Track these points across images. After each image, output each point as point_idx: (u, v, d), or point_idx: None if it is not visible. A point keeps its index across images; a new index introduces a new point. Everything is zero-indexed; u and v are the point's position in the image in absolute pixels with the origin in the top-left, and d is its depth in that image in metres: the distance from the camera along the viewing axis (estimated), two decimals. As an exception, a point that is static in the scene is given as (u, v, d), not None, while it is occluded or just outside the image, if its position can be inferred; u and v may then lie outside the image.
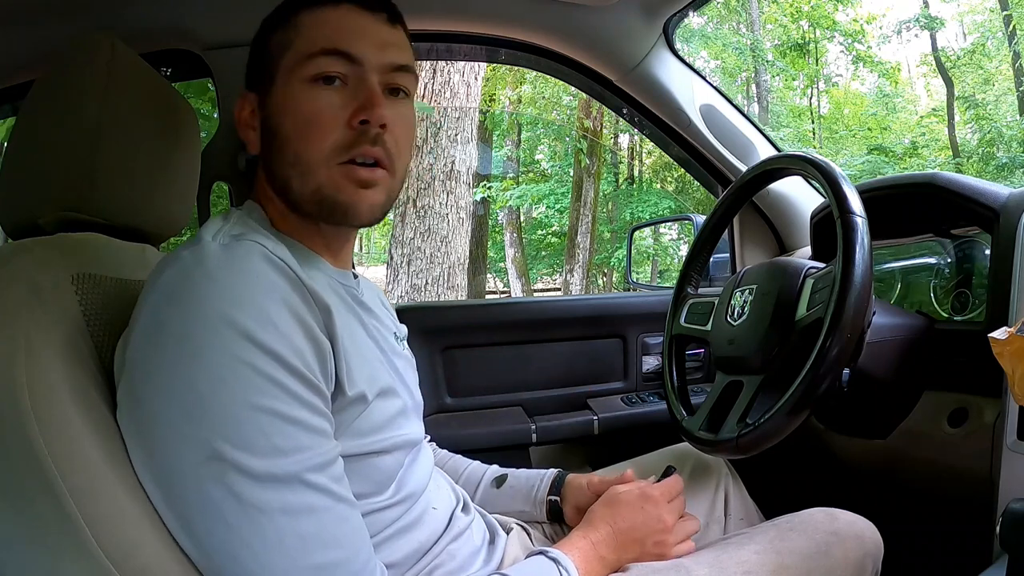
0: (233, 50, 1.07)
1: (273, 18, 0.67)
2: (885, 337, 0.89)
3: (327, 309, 0.57)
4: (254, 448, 0.49)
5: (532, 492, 0.90)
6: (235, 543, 0.49)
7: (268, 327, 0.51)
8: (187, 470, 0.49)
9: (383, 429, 0.63)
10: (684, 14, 1.23)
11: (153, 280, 0.54)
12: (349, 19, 0.64)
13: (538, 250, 10.40)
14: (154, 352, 0.50)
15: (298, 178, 0.62)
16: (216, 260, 0.53)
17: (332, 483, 0.53)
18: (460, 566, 0.71)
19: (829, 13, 10.87)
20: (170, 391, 0.49)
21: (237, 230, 0.59)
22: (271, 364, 0.50)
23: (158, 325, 0.51)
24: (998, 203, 0.88)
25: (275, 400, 0.50)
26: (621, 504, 0.78)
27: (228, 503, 0.48)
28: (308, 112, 0.62)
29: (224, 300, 0.50)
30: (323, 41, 0.62)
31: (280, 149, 0.63)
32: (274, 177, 0.65)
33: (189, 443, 0.48)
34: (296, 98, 0.62)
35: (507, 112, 9.60)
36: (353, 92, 0.62)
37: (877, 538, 0.80)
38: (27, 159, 0.64)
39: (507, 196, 8.72)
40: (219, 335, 0.49)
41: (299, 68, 0.62)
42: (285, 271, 0.55)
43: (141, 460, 0.50)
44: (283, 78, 0.63)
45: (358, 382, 0.59)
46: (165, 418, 0.49)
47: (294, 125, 0.62)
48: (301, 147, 0.62)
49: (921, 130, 11.17)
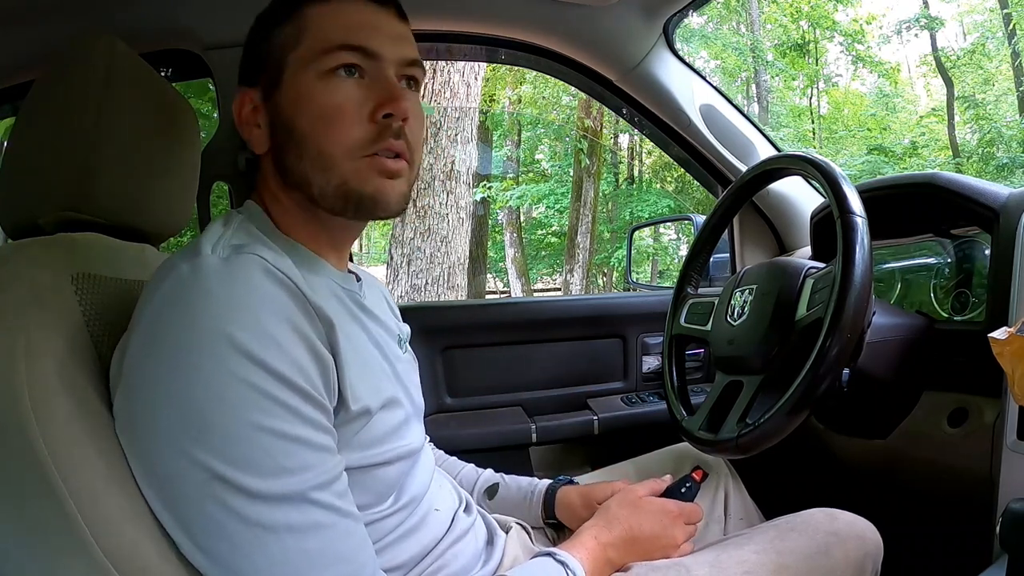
0: (233, 50, 1.06)
1: (274, 13, 0.65)
2: (885, 337, 0.89)
3: (330, 323, 0.56)
4: (257, 468, 0.48)
5: (525, 503, 0.90)
6: (240, 561, 0.48)
7: (268, 344, 0.49)
8: (189, 490, 0.48)
9: (385, 441, 0.62)
10: (684, 14, 1.23)
11: (151, 291, 0.53)
12: (362, 13, 0.63)
13: (538, 250, 10.40)
14: (151, 367, 0.49)
15: (321, 173, 0.61)
16: (214, 275, 0.51)
17: (336, 499, 0.52)
18: (463, 567, 0.71)
19: (829, 13, 10.87)
20: (168, 409, 0.48)
21: (238, 239, 0.58)
22: (272, 383, 0.49)
23: (154, 339, 0.50)
24: (998, 203, 0.88)
25: (277, 419, 0.49)
26: (643, 511, 0.78)
27: (232, 523, 0.48)
28: (328, 106, 0.60)
29: (222, 317, 0.49)
30: (339, 35, 0.61)
31: (298, 145, 0.62)
32: (288, 173, 0.63)
33: (190, 463, 0.47)
34: (312, 93, 0.61)
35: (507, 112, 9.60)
36: (371, 86, 0.62)
37: (877, 538, 0.80)
38: (27, 159, 0.64)
39: (507, 196, 8.72)
40: (217, 353, 0.48)
41: (314, 62, 0.61)
42: (287, 284, 0.54)
43: (141, 475, 0.50)
44: (294, 73, 0.62)
45: (362, 396, 0.58)
46: (164, 436, 0.48)
47: (312, 120, 0.61)
48: (323, 142, 0.60)
49: (921, 130, 11.16)
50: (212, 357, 0.48)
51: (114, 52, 0.64)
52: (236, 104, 0.65)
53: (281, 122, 0.63)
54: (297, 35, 0.62)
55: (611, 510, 0.78)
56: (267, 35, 0.65)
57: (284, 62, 0.62)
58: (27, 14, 0.97)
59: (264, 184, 0.67)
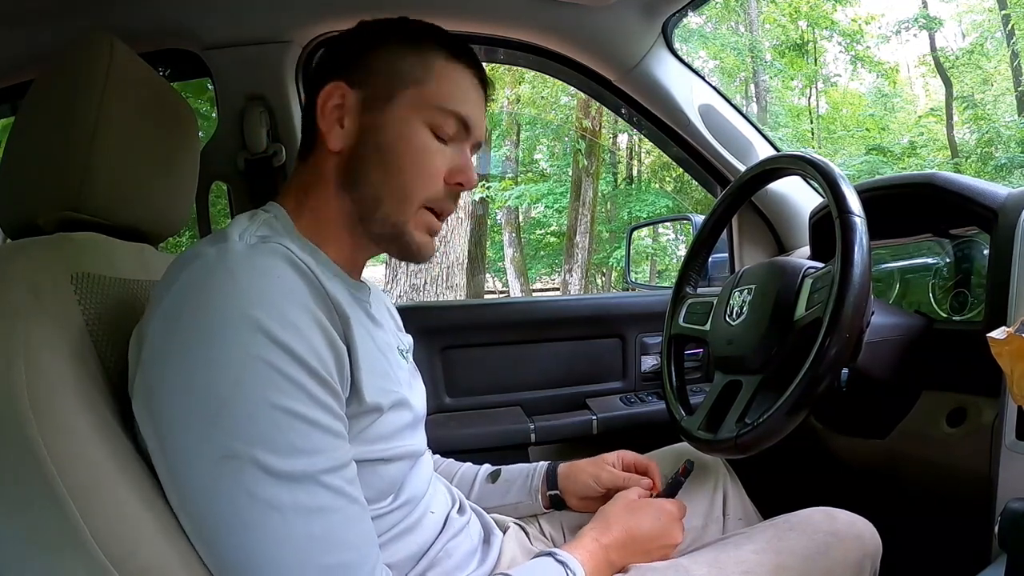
0: (232, 50, 1.07)
1: (399, 31, 0.67)
2: (884, 337, 0.89)
3: (346, 318, 0.58)
4: (271, 446, 0.49)
5: (527, 482, 0.91)
6: (246, 539, 0.49)
7: (288, 327, 0.51)
8: (202, 465, 0.49)
9: (391, 439, 0.63)
10: (683, 14, 1.23)
11: (175, 273, 0.54)
12: (475, 89, 0.68)
13: (537, 250, 10.41)
14: (172, 345, 0.50)
15: (394, 203, 0.64)
16: (239, 259, 0.53)
17: (346, 485, 0.53)
18: (457, 565, 0.71)
19: (828, 13, 10.87)
20: (187, 386, 0.49)
21: (264, 231, 0.60)
22: (290, 364, 0.50)
23: (177, 319, 0.51)
24: (996, 203, 0.88)
25: (293, 400, 0.50)
26: (641, 513, 0.79)
27: (242, 499, 0.48)
28: (423, 154, 0.64)
29: (245, 299, 0.50)
30: (457, 104, 0.65)
31: (386, 170, 0.64)
32: (361, 183, 0.64)
33: (205, 438, 0.48)
34: (415, 135, 0.64)
35: (506, 112, 9.59)
36: (454, 153, 0.67)
37: (876, 538, 0.80)
38: (26, 159, 0.64)
39: (506, 196, 8.72)
40: (238, 332, 0.49)
41: (428, 111, 0.64)
42: (308, 276, 0.56)
43: (155, 450, 0.51)
44: (403, 108, 0.64)
45: (375, 392, 0.59)
46: (181, 412, 0.49)
47: (410, 156, 0.64)
48: (411, 182, 0.64)
49: (919, 130, 11.17)
50: (234, 336, 0.49)
51: (114, 52, 0.64)
52: (324, 93, 0.65)
53: (377, 139, 0.64)
54: (422, 76, 0.65)
55: (609, 513, 0.79)
56: (384, 48, 0.66)
57: (397, 90, 0.64)
58: (27, 14, 0.97)
59: (301, 182, 0.67)
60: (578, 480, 0.89)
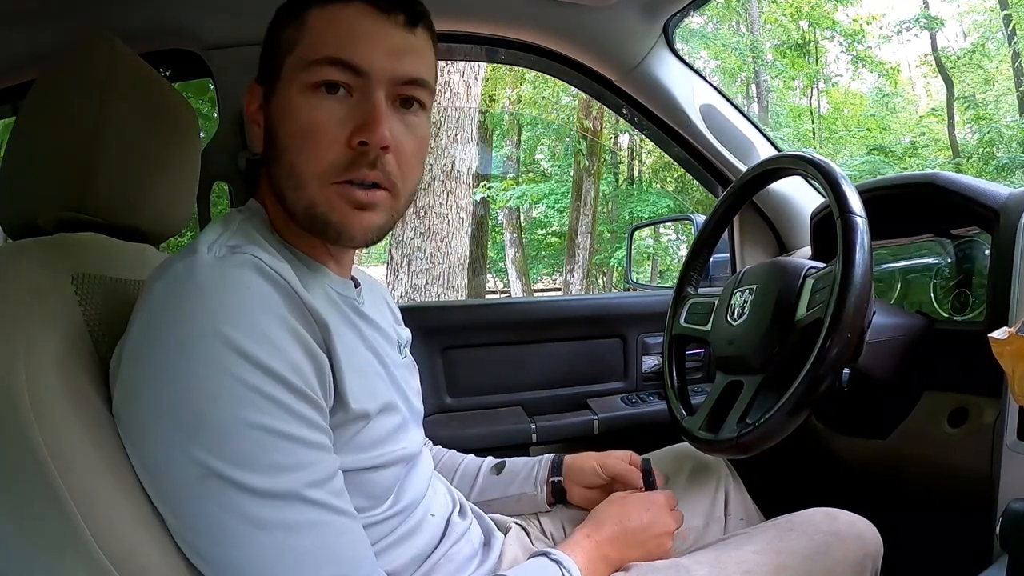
0: (233, 50, 1.07)
1: (285, 9, 0.62)
2: (885, 337, 0.89)
3: (325, 326, 0.56)
4: (252, 465, 0.48)
5: (532, 473, 0.90)
6: (236, 556, 0.48)
7: (262, 342, 0.49)
8: (185, 486, 0.48)
9: (382, 444, 0.62)
10: (684, 14, 1.23)
11: (147, 290, 0.53)
12: (360, 22, 0.58)
13: (538, 250, 10.41)
14: (146, 364, 0.49)
15: (292, 191, 0.59)
16: (208, 273, 0.51)
17: (332, 498, 0.52)
18: (457, 568, 0.71)
19: (829, 13, 10.87)
20: (162, 406, 0.48)
21: (235, 240, 0.57)
22: (266, 380, 0.49)
23: (149, 337, 0.50)
24: (998, 203, 0.88)
25: (270, 417, 0.49)
26: (630, 504, 0.79)
27: (228, 520, 0.48)
28: (306, 124, 0.57)
29: (215, 315, 0.49)
30: (328, 47, 0.57)
31: (277, 157, 0.60)
32: (272, 181, 0.62)
33: (186, 459, 0.47)
34: (295, 106, 0.58)
35: (507, 112, 9.60)
36: (356, 105, 0.58)
37: (877, 538, 0.80)
38: (27, 159, 0.64)
39: (507, 196, 8.72)
40: (210, 350, 0.48)
41: (301, 73, 0.58)
42: (281, 285, 0.53)
43: (140, 470, 0.50)
44: (286, 79, 0.59)
45: (360, 399, 0.58)
46: (160, 433, 0.48)
47: (291, 135, 0.58)
48: (296, 160, 0.58)
49: (921, 130, 11.16)
50: (205, 354, 0.48)
51: (114, 52, 0.64)
52: (246, 97, 0.64)
53: (271, 129, 0.61)
54: (296, 38, 0.59)
55: (601, 511, 0.79)
56: (277, 32, 0.62)
57: (282, 65, 0.60)
58: (27, 14, 0.97)
59: (264, 185, 0.65)
60: (584, 468, 0.89)
